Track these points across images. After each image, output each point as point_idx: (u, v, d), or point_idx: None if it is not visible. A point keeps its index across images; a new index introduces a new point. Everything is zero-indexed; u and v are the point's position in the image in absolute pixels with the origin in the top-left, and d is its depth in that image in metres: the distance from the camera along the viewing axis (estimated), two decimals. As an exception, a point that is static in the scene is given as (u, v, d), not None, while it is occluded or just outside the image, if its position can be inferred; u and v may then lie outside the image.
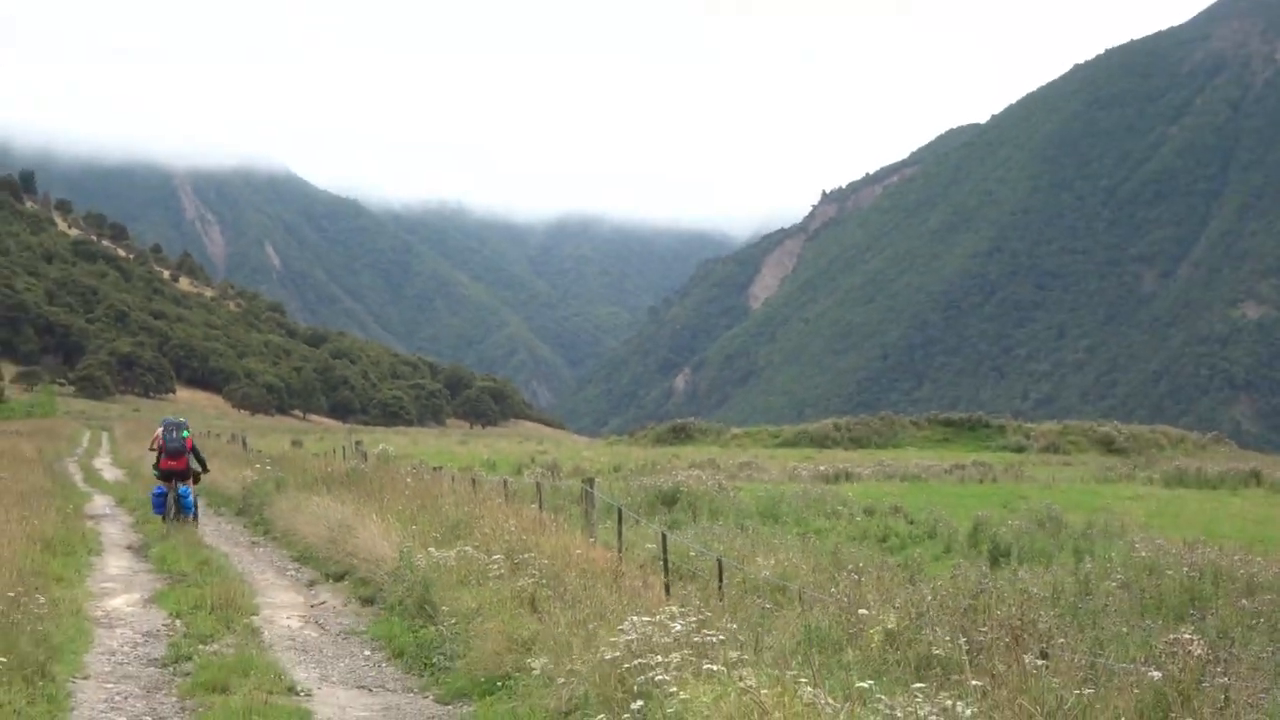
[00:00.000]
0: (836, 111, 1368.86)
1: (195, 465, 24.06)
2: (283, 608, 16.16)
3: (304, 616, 15.60)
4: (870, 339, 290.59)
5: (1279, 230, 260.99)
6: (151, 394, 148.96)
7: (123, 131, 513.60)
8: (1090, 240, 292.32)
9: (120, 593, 16.98)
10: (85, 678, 11.65)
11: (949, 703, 7.20)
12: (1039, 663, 7.77)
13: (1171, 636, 7.57)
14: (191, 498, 23.67)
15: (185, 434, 23.70)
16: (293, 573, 19.38)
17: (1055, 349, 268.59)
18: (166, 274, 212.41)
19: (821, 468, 41.04)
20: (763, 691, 7.60)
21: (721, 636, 9.00)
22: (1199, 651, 7.35)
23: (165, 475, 23.37)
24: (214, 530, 24.87)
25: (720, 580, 12.21)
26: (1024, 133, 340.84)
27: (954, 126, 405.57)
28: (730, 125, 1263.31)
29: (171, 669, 12.23)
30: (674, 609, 9.71)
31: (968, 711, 7.11)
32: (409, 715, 10.85)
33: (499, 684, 10.83)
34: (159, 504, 23.49)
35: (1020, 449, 60.22)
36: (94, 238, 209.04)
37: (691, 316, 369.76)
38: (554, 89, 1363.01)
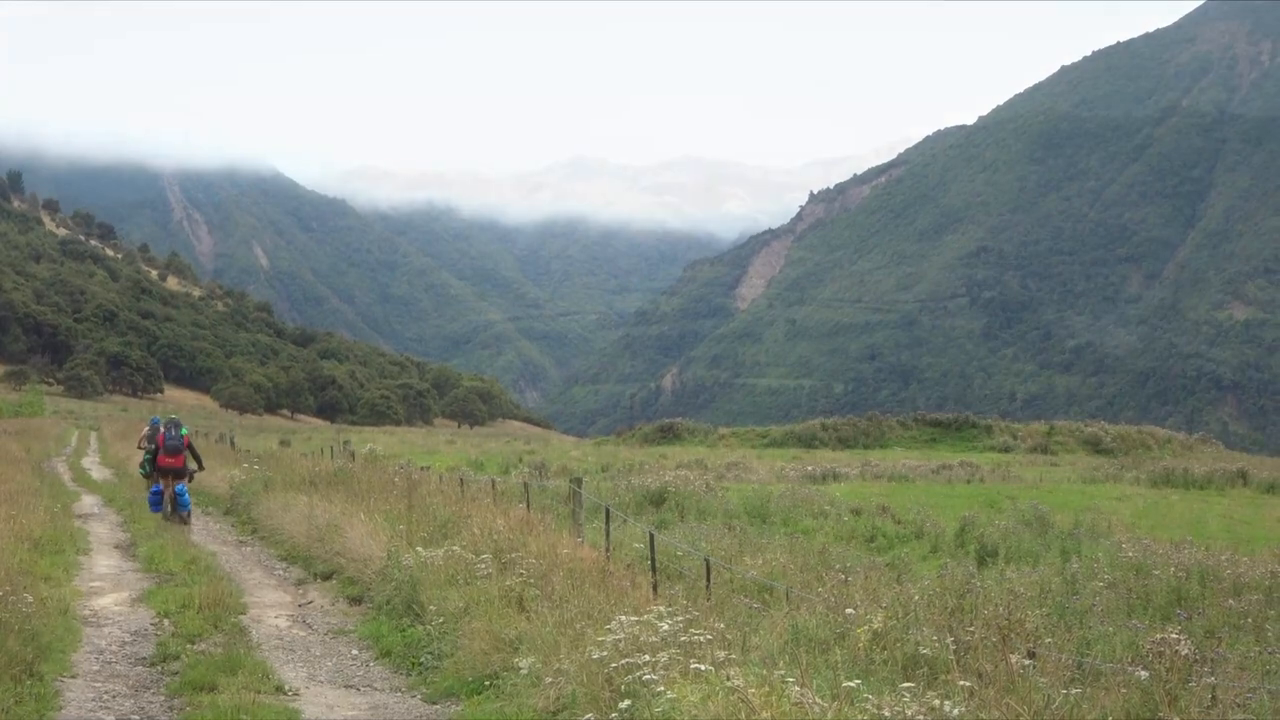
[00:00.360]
0: (823, 113, 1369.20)
1: (192, 464, 24.11)
2: (270, 607, 16.14)
3: (292, 615, 15.58)
4: (857, 339, 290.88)
5: (1266, 231, 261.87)
6: (139, 393, 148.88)
7: (111, 132, 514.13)
8: (1076, 241, 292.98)
9: (108, 592, 16.94)
10: (73, 677, 11.61)
11: (936, 702, 7.21)
12: (1026, 662, 7.80)
13: (1158, 636, 7.58)
14: (187, 496, 23.72)
15: (184, 431, 23.79)
16: (280, 572, 19.35)
17: (1042, 350, 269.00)
18: (154, 274, 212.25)
19: (809, 468, 41.03)
20: (750, 691, 7.61)
21: (709, 636, 9.00)
22: (1186, 651, 7.36)
23: (162, 473, 23.41)
24: (202, 529, 24.83)
25: (708, 580, 12.19)
26: (1011, 134, 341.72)
27: (942, 128, 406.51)
28: (717, 126, 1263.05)
29: (159, 668, 12.20)
30: (661, 609, 9.71)
31: (955, 711, 7.13)
32: (396, 714, 10.80)
33: (486, 683, 10.82)
34: (156, 502, 23.53)
35: (1007, 449, 60.16)
36: (82, 237, 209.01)
37: (679, 317, 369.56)
38: (542, 90, 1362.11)
